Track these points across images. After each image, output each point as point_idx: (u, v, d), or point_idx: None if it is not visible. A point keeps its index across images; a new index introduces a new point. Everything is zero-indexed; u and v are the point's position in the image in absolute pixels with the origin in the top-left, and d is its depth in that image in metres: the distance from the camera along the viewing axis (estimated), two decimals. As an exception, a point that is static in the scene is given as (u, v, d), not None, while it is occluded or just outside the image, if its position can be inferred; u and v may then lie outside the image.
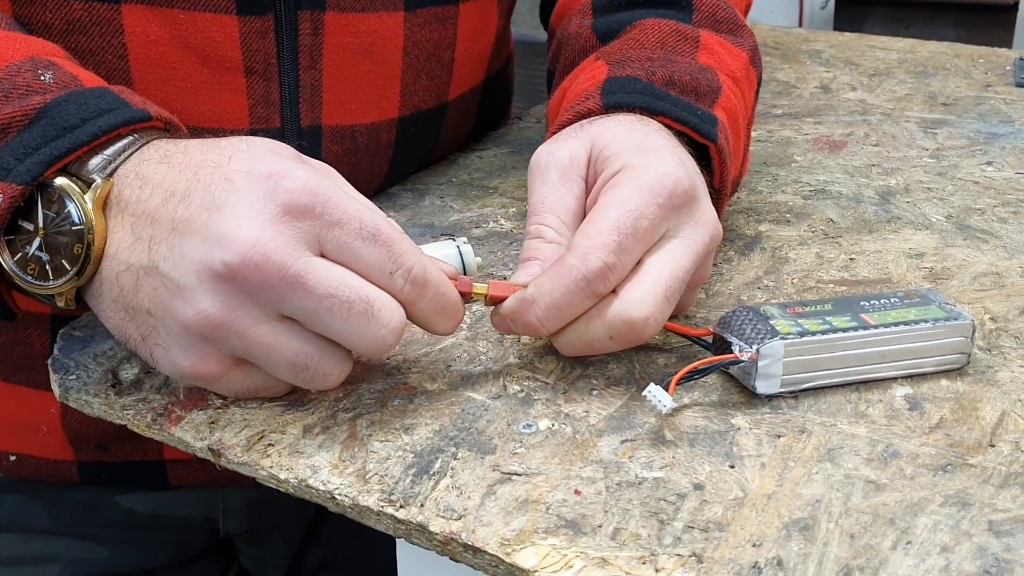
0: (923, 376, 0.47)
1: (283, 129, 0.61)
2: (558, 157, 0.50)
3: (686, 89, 0.55)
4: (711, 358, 0.45)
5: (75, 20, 0.55)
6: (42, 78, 0.46)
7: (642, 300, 0.44)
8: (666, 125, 0.53)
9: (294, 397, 0.46)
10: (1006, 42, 1.69)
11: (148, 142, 0.46)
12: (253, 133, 0.60)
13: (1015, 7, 1.76)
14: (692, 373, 0.44)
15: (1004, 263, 0.58)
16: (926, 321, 0.46)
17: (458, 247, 0.52)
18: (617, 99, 0.54)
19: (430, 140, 0.72)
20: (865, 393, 0.46)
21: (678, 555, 0.37)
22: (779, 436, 0.43)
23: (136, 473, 0.70)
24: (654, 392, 0.43)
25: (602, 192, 0.48)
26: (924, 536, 0.37)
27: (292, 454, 0.43)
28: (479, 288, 0.46)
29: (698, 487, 0.40)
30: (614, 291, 0.45)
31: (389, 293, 0.42)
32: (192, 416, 0.46)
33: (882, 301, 0.48)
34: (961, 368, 0.48)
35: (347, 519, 0.41)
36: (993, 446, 0.42)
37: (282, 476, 0.42)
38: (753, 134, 0.81)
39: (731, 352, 0.45)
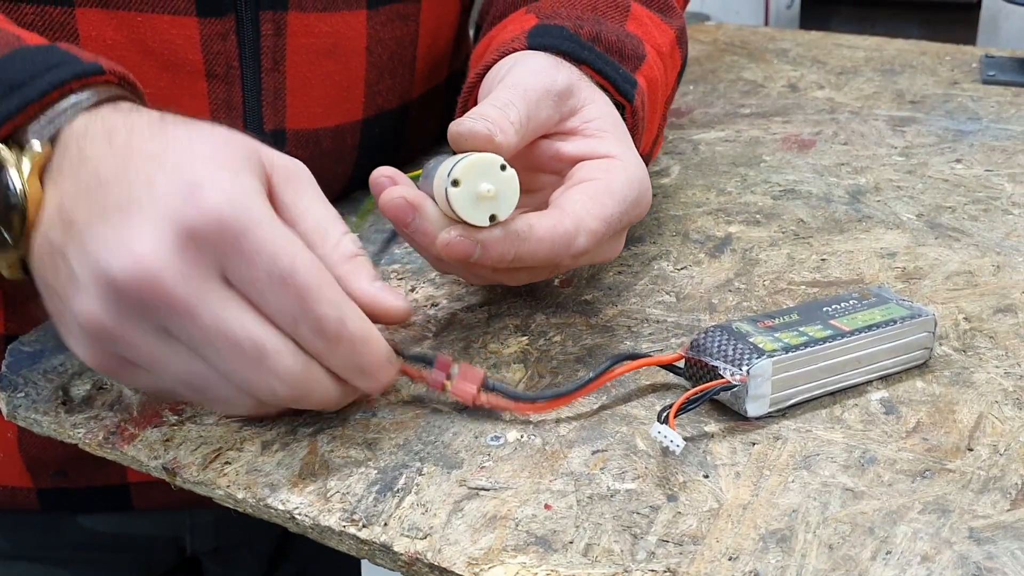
0: (898, 379, 0.46)
1: (245, 135, 0.59)
2: (559, 81, 0.50)
3: (611, 48, 0.56)
4: (703, 386, 0.42)
5: (26, 25, 0.53)
6: None
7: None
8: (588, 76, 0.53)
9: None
10: (970, 40, 1.70)
11: (100, 102, 0.42)
12: None
13: (978, 5, 1.77)
14: (685, 404, 0.42)
15: (976, 262, 0.58)
16: (894, 321, 0.46)
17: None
18: (543, 42, 0.53)
19: (395, 141, 0.71)
20: (840, 398, 0.45)
21: (652, 571, 0.35)
22: (753, 444, 0.42)
23: (98, 498, 0.67)
24: (664, 432, 0.40)
25: (603, 169, 0.48)
26: (904, 545, 0.36)
27: (250, 472, 0.41)
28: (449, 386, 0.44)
29: (672, 499, 0.39)
30: None
31: (295, 341, 0.39)
32: (146, 434, 0.44)
33: (843, 305, 0.47)
34: (923, 363, 0.47)
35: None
36: (971, 450, 0.41)
37: (239, 495, 0.40)
38: (721, 134, 0.80)
39: (715, 376, 0.43)
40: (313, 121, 0.62)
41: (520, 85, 0.48)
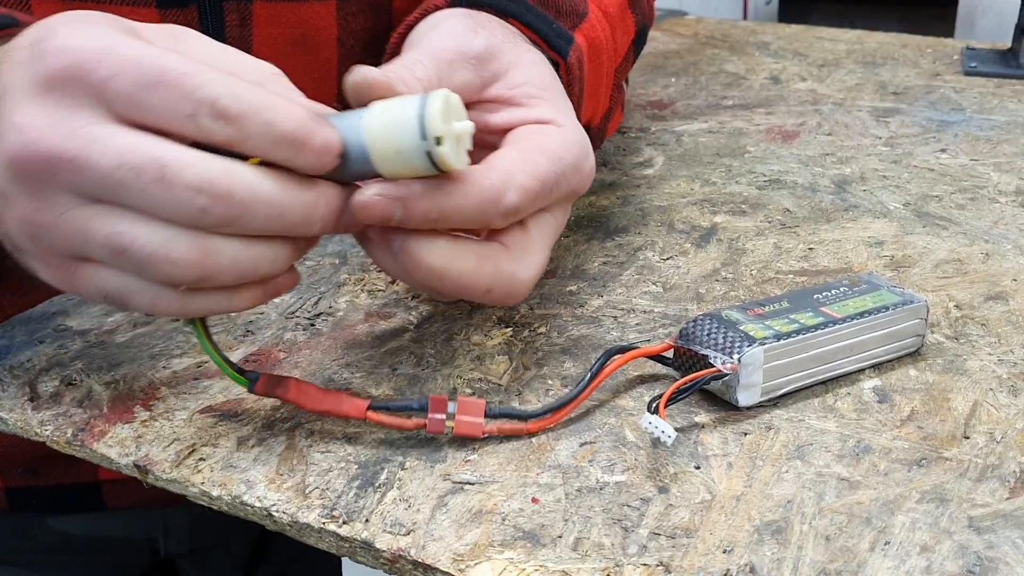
0: (891, 367, 0.45)
1: None
2: (475, 44, 0.44)
3: (545, 3, 0.51)
4: (693, 375, 0.41)
5: None
6: None
7: (531, 267, 0.42)
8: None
9: (227, 407, 0.43)
10: (947, 35, 1.70)
11: None
12: None
13: (955, 1, 1.77)
14: (676, 394, 0.40)
15: (965, 250, 0.57)
16: (886, 308, 0.45)
17: (423, 100, 0.36)
18: None
19: None
20: (832, 387, 0.44)
21: (644, 565, 0.34)
22: (745, 434, 0.41)
23: (70, 497, 0.66)
24: (655, 423, 0.38)
25: (536, 132, 0.43)
26: (903, 536, 0.35)
27: (225, 468, 0.39)
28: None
29: (663, 490, 0.38)
30: (499, 240, 0.41)
31: (204, 143, 0.35)
32: (116, 430, 0.42)
33: (833, 292, 0.46)
34: (916, 351, 0.46)
35: (296, 534, 0.38)
36: (967, 438, 0.40)
37: (215, 493, 0.38)
38: (704, 125, 0.79)
39: (706, 365, 0.41)
40: None
41: (428, 46, 0.44)
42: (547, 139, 0.43)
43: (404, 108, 0.36)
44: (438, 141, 0.36)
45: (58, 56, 0.35)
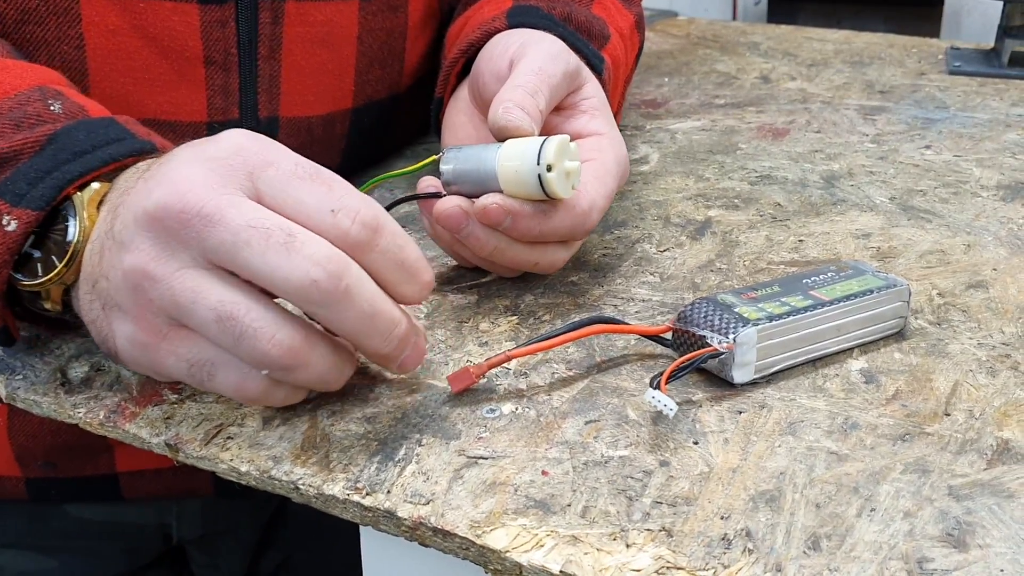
0: (876, 350, 0.48)
1: (241, 121, 0.60)
2: (571, 64, 0.55)
3: (580, 28, 0.62)
4: (692, 354, 0.44)
5: (31, 10, 0.54)
6: (52, 108, 0.46)
7: (570, 247, 0.53)
8: None
9: (252, 390, 0.46)
10: (933, 35, 1.73)
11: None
12: (211, 125, 0.59)
13: (941, 1, 1.80)
14: (676, 371, 0.43)
15: (948, 241, 0.60)
16: (871, 291, 0.47)
17: (542, 144, 0.47)
18: (521, 20, 0.59)
19: (383, 132, 0.72)
20: (822, 368, 0.47)
21: (648, 530, 0.37)
22: (740, 412, 0.44)
23: (88, 488, 0.68)
24: (658, 397, 0.41)
25: (597, 148, 0.53)
26: (887, 503, 0.38)
27: (252, 446, 0.42)
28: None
29: (664, 464, 0.40)
30: None
31: (332, 235, 0.38)
32: (147, 412, 0.45)
33: (822, 277, 0.49)
34: (899, 332, 0.49)
35: (304, 521, 0.40)
36: (948, 415, 0.43)
37: (243, 468, 0.41)
38: (697, 123, 0.82)
39: (703, 345, 0.44)
40: (305, 109, 0.63)
41: (544, 71, 0.53)
42: (607, 156, 0.53)
43: (530, 142, 0.47)
44: (549, 168, 0.46)
45: (232, 142, 0.40)
